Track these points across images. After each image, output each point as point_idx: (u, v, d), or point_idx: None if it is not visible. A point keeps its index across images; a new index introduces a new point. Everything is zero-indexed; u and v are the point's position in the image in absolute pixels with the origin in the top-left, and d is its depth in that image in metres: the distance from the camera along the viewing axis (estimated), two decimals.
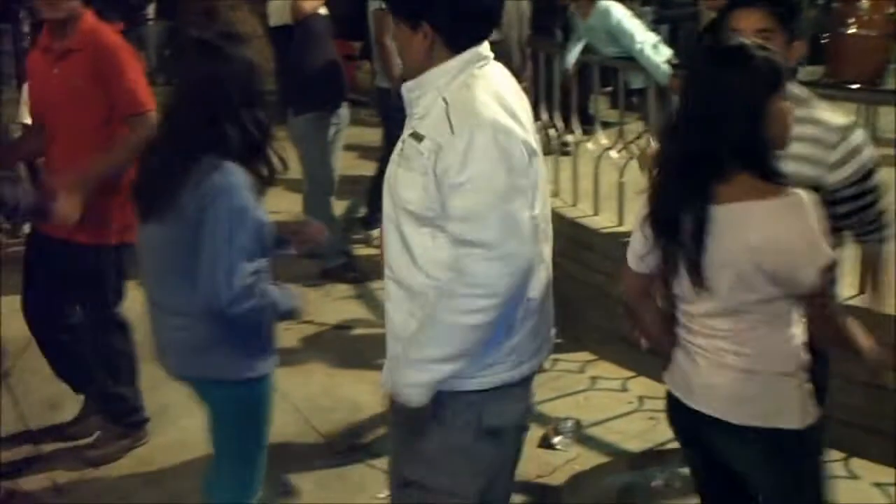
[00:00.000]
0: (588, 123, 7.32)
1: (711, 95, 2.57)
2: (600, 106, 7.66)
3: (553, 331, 2.91)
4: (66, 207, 3.99)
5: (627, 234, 5.60)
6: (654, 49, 6.98)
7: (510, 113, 2.57)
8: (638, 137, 6.46)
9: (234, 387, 3.24)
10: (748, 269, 2.57)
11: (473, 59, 2.64)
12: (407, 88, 2.70)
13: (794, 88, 2.92)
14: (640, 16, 8.19)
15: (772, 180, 2.56)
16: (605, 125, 7.00)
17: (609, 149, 6.44)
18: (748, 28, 3.03)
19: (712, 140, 2.56)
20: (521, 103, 2.70)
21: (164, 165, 3.10)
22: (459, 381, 2.65)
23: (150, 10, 16.57)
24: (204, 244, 2.99)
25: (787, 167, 2.66)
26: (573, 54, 7.51)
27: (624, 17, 7.42)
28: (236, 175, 3.05)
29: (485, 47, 2.68)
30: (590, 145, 6.67)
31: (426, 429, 2.69)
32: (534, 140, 2.65)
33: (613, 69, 7.22)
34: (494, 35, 2.79)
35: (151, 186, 3.15)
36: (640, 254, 2.85)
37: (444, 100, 2.59)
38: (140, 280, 3.41)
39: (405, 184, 2.62)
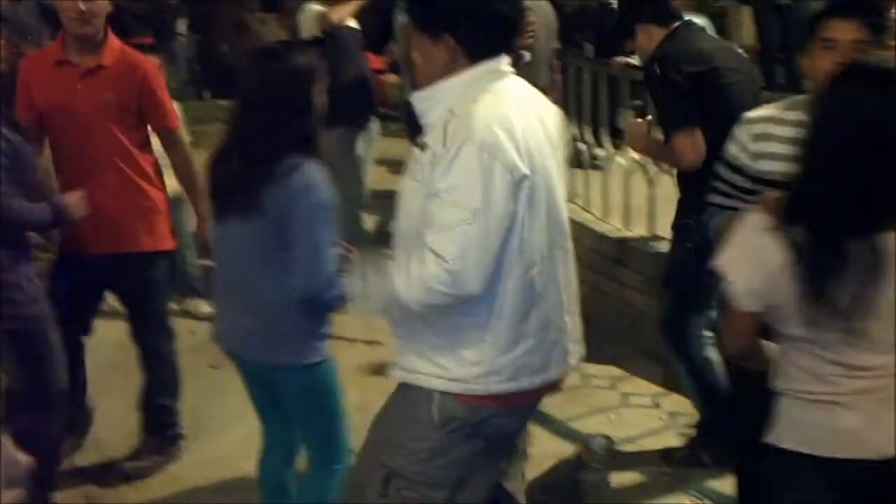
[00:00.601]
0: (618, 137, 7.28)
1: (867, 118, 2.42)
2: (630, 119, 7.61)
3: (573, 347, 2.91)
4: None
5: (659, 249, 5.72)
6: None
7: (508, 134, 2.56)
8: None
9: (315, 369, 3.45)
10: None
11: (487, 74, 2.66)
12: (417, 98, 2.73)
13: None
14: None
15: None
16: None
17: (640, 163, 6.41)
18: (845, 39, 2.95)
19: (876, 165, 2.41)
20: (535, 123, 2.68)
21: (245, 167, 3.27)
22: (453, 383, 2.72)
23: (181, 25, 16.66)
24: (298, 238, 3.22)
25: None
26: None
27: None
28: (316, 171, 3.24)
29: (502, 61, 2.69)
30: (620, 159, 6.65)
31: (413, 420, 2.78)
32: (539, 162, 2.64)
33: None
34: (526, 56, 2.80)
35: (233, 187, 3.32)
36: (755, 289, 2.59)
37: (451, 112, 2.61)
38: (217, 273, 3.59)
39: (409, 193, 2.68)
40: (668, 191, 6.18)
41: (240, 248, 3.38)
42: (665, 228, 6.08)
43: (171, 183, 6.22)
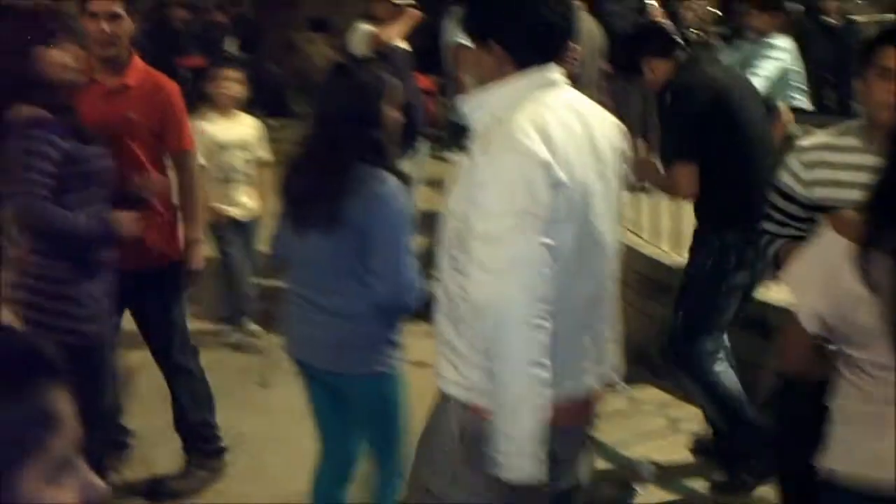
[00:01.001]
0: None
1: None
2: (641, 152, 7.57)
3: (607, 367, 2.84)
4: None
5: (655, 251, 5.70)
6: None
7: (546, 141, 2.52)
8: None
9: (384, 378, 3.52)
10: None
11: (534, 82, 2.64)
12: (465, 102, 2.72)
13: None
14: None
15: None
16: None
17: None
18: None
19: None
20: (581, 136, 2.62)
21: (322, 179, 3.35)
22: (466, 392, 2.64)
23: (231, 45, 16.81)
24: (378, 246, 3.31)
25: None
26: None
27: None
28: (391, 181, 3.34)
29: (552, 70, 2.67)
30: None
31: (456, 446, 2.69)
32: (578, 176, 2.56)
33: None
34: (576, 68, 2.78)
35: (311, 200, 3.39)
36: (823, 312, 2.53)
37: (494, 118, 2.61)
38: (290, 285, 3.65)
39: (454, 198, 2.67)
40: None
41: (317, 259, 3.44)
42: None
43: (246, 204, 6.23)
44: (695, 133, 4.43)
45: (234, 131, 6.33)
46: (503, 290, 2.45)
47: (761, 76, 6.49)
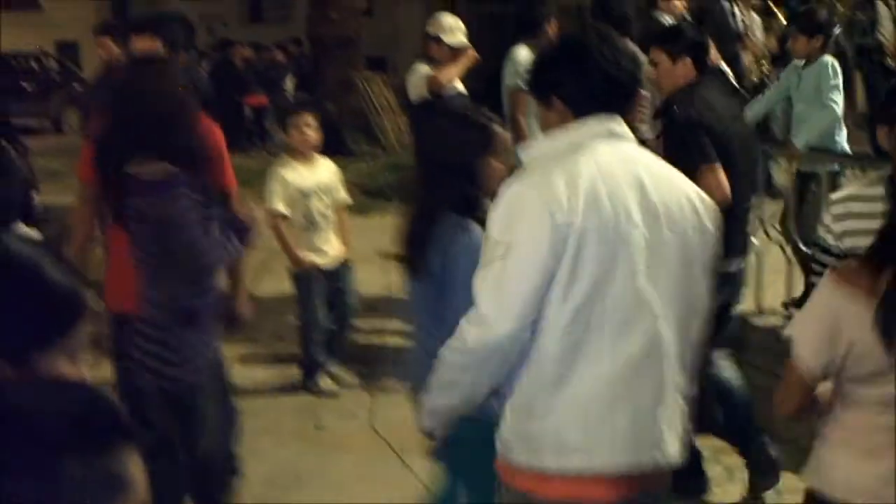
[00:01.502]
0: None
1: None
2: None
3: (658, 450, 2.67)
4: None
5: (768, 323, 5.65)
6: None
7: (567, 180, 2.52)
8: (781, 220, 6.34)
9: (484, 422, 3.43)
10: None
11: (591, 131, 2.64)
12: (519, 148, 2.77)
13: None
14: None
15: None
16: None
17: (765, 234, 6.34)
18: None
19: None
20: (627, 188, 2.58)
21: (418, 226, 3.41)
22: (508, 451, 2.68)
23: (289, 83, 17.02)
24: (453, 299, 3.18)
25: None
26: (763, 104, 7.14)
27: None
28: (476, 232, 3.28)
29: (613, 121, 2.66)
30: None
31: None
32: (608, 224, 2.52)
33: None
34: (647, 132, 2.78)
35: (413, 246, 3.45)
36: (824, 360, 2.59)
37: (542, 161, 2.65)
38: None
39: None
40: (776, 262, 6.14)
41: (415, 302, 3.50)
42: (774, 300, 6.05)
43: (329, 251, 6.20)
44: (705, 136, 4.38)
45: (315, 177, 6.19)
46: (485, 311, 2.55)
47: (834, 104, 6.48)
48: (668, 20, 8.07)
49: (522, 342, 2.55)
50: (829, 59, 6.67)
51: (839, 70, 6.67)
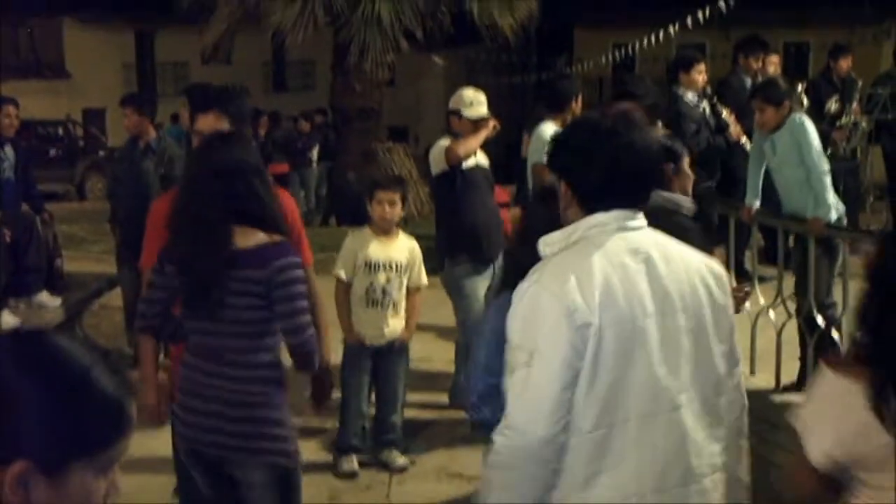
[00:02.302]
0: (744, 279, 7.20)
1: None
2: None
3: None
4: None
5: (785, 400, 5.61)
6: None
7: (580, 279, 2.52)
8: (795, 295, 6.33)
9: None
10: None
11: (604, 226, 2.62)
12: (543, 242, 2.75)
13: None
14: None
15: None
16: (760, 280, 6.88)
17: (768, 307, 6.32)
18: None
19: None
20: (638, 280, 2.58)
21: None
22: None
23: (314, 153, 17.17)
24: None
25: None
26: (757, 186, 6.98)
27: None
28: None
29: (624, 215, 2.64)
30: (747, 304, 6.56)
31: None
32: (623, 319, 2.53)
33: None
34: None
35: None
36: (835, 453, 2.54)
37: (554, 255, 2.66)
38: None
39: None
40: (793, 335, 6.12)
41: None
42: (791, 375, 6.01)
43: (385, 330, 6.07)
44: None
45: (387, 252, 6.01)
46: (515, 420, 2.54)
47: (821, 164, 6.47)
48: (689, 95, 8.16)
49: (559, 444, 2.54)
50: (800, 116, 6.61)
51: (812, 126, 6.61)
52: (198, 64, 27.60)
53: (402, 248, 6.08)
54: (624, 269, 2.58)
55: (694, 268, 2.71)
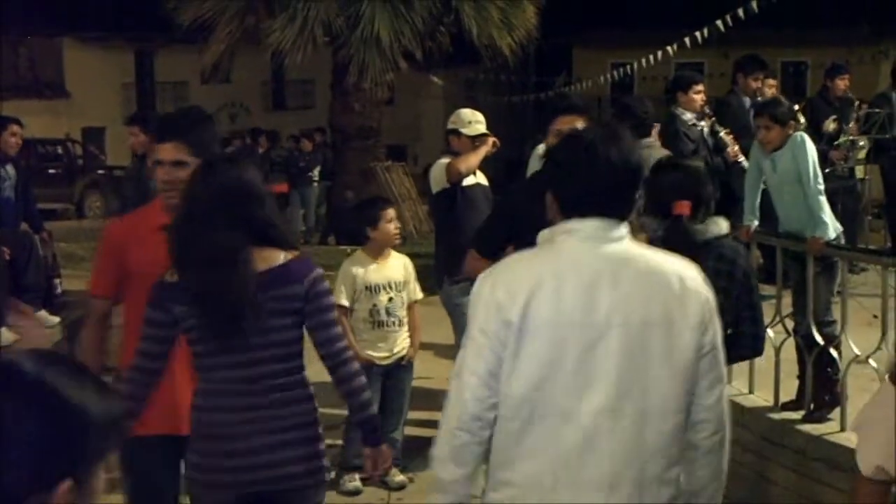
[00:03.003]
0: None
1: None
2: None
3: None
4: None
5: (780, 416, 5.63)
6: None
7: (514, 278, 2.70)
8: (794, 314, 6.33)
9: None
10: None
11: (563, 230, 2.74)
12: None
13: None
14: None
15: None
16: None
17: (767, 325, 6.31)
18: None
19: None
20: (589, 287, 2.65)
21: None
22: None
23: (315, 172, 17.18)
24: None
25: None
26: (755, 205, 6.93)
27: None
28: None
29: (588, 224, 2.71)
30: None
31: None
32: (553, 323, 2.63)
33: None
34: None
35: None
36: (884, 458, 2.56)
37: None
38: None
39: None
40: (792, 353, 6.12)
41: None
42: (790, 393, 6.02)
43: (392, 349, 6.06)
44: None
45: (384, 273, 6.08)
46: (450, 391, 2.76)
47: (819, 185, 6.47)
48: (687, 115, 8.17)
49: (486, 422, 2.72)
50: (801, 135, 6.56)
51: (812, 145, 6.61)
52: (197, 83, 27.66)
53: (398, 266, 6.18)
54: (578, 276, 2.67)
55: (671, 285, 2.72)
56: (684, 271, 2.78)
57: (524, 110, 24.29)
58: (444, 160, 6.72)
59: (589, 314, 2.64)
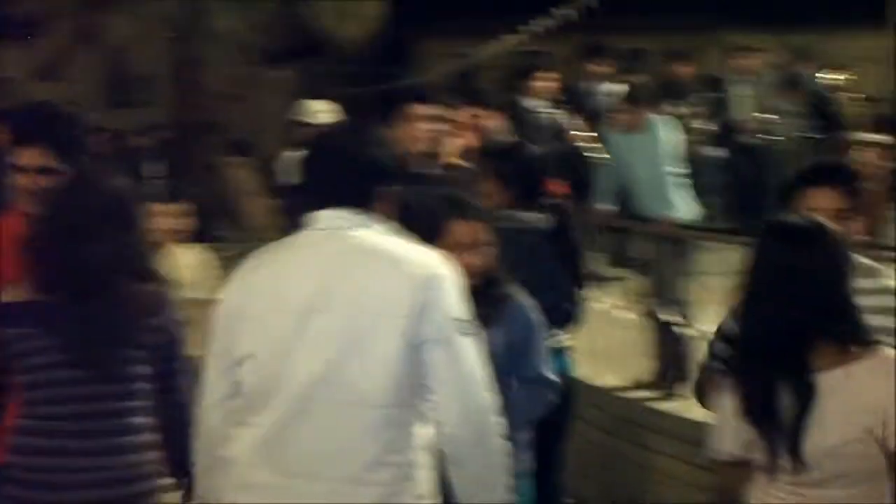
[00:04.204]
0: (596, 281, 7.22)
1: (792, 273, 2.56)
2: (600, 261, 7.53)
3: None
4: None
5: (633, 394, 5.68)
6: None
7: (236, 276, 2.79)
8: (647, 295, 6.38)
9: None
10: (854, 433, 2.54)
11: (304, 221, 2.76)
12: None
13: (860, 259, 2.89)
14: None
15: (860, 342, 2.57)
16: (612, 280, 6.93)
17: (620, 307, 6.38)
18: (824, 209, 2.96)
19: (800, 317, 2.55)
20: (298, 275, 2.67)
21: None
22: None
23: (156, 170, 16.80)
24: None
25: None
26: (609, 188, 7.00)
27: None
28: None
29: (318, 215, 2.72)
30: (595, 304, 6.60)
31: None
32: (257, 311, 2.68)
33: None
34: None
35: None
36: (732, 443, 2.70)
37: None
38: None
39: None
40: (643, 334, 6.18)
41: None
42: (641, 373, 6.07)
43: None
44: None
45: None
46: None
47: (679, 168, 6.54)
48: (531, 103, 8.13)
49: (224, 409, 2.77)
50: (654, 117, 6.73)
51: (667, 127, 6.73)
52: (30, 80, 26.70)
53: (185, 264, 5.77)
54: (286, 265, 2.73)
55: (394, 273, 2.64)
56: (418, 260, 2.67)
57: (371, 102, 24.21)
58: (290, 153, 6.65)
59: (307, 299, 2.63)
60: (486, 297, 3.30)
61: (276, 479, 2.65)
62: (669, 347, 5.96)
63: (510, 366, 3.38)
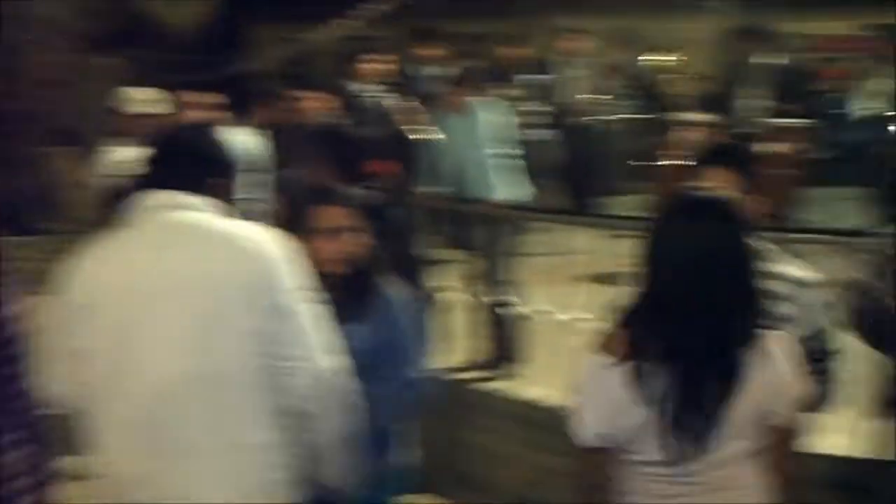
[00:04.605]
0: (432, 265, 7.23)
1: (699, 247, 2.54)
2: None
3: None
4: None
5: (472, 375, 5.70)
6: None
7: (81, 268, 2.73)
8: (479, 277, 6.41)
9: None
10: (749, 412, 2.56)
11: (145, 203, 2.77)
12: None
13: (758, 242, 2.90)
14: None
15: (759, 323, 2.59)
16: (448, 263, 6.93)
17: (456, 289, 6.40)
18: (718, 188, 3.02)
19: (704, 290, 2.52)
20: (146, 257, 2.69)
21: None
22: None
23: None
24: None
25: None
26: (438, 171, 7.03)
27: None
28: None
29: (154, 194, 2.76)
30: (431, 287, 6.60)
31: None
32: (104, 297, 2.66)
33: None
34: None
35: None
36: (602, 429, 2.64)
37: None
38: None
39: None
40: (479, 315, 6.21)
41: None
42: (478, 354, 6.10)
43: None
44: None
45: None
46: None
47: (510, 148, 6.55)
48: (358, 87, 8.05)
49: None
50: (476, 101, 6.81)
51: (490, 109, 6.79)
52: None
53: None
54: (133, 251, 2.73)
55: (227, 248, 2.73)
56: (248, 235, 2.76)
57: (201, 89, 23.78)
58: (114, 141, 6.42)
59: (149, 286, 2.66)
60: (353, 286, 3.31)
61: (155, 463, 2.66)
62: (499, 329, 6.02)
63: (376, 363, 3.34)
